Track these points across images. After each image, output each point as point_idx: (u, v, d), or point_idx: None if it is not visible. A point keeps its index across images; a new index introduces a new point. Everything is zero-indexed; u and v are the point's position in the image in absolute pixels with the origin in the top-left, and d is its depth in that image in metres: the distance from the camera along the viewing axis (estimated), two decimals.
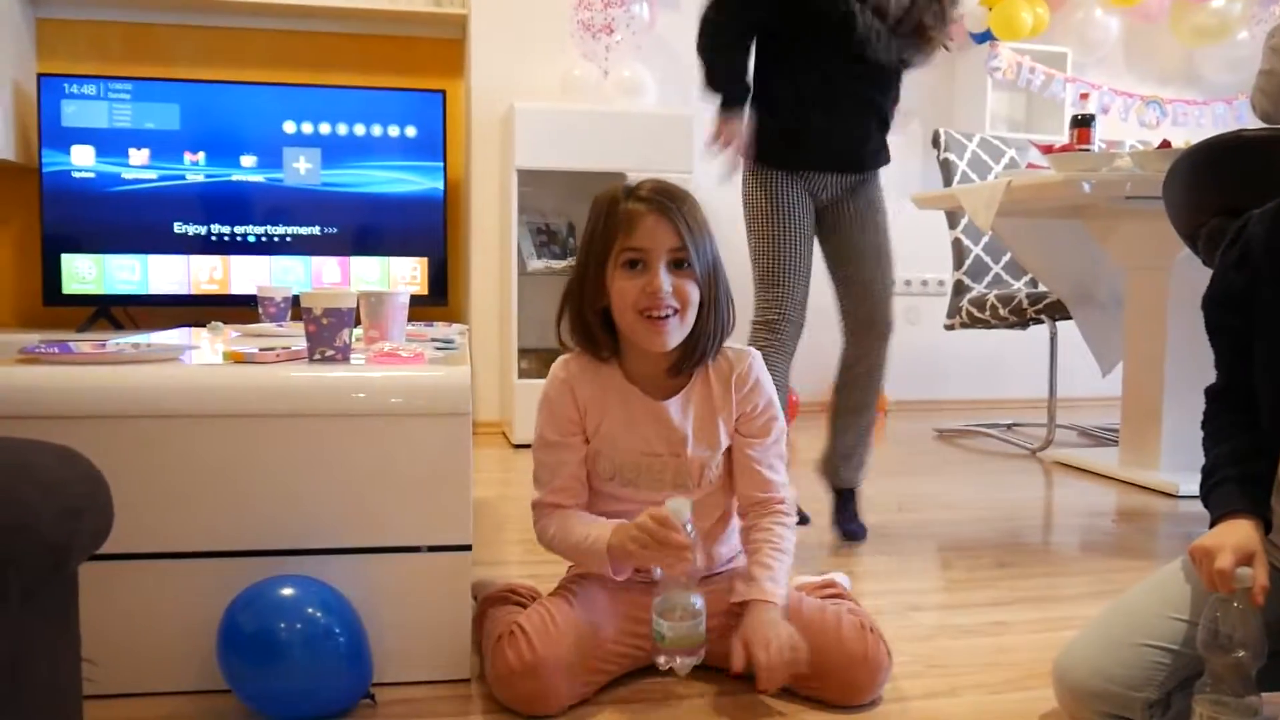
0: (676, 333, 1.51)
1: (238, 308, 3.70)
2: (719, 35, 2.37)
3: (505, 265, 3.97)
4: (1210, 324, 1.45)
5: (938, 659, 1.71)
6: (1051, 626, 1.88)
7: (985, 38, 4.71)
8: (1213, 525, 1.32)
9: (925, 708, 1.52)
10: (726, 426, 1.61)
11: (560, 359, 1.62)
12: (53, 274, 3.79)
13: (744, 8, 2.36)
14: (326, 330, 1.60)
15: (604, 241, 1.50)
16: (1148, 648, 1.34)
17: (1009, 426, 4.21)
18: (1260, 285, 1.35)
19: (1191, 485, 3.01)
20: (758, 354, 1.64)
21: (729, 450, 1.63)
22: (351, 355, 1.63)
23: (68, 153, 3.76)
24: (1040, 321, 3.74)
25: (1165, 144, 2.96)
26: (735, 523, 1.69)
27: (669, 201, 1.49)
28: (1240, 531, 1.27)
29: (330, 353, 1.60)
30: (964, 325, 3.88)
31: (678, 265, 1.49)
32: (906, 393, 4.71)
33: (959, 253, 4.03)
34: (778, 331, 2.36)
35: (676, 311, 1.49)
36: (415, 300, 3.95)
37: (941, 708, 1.52)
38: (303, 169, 3.95)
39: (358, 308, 1.91)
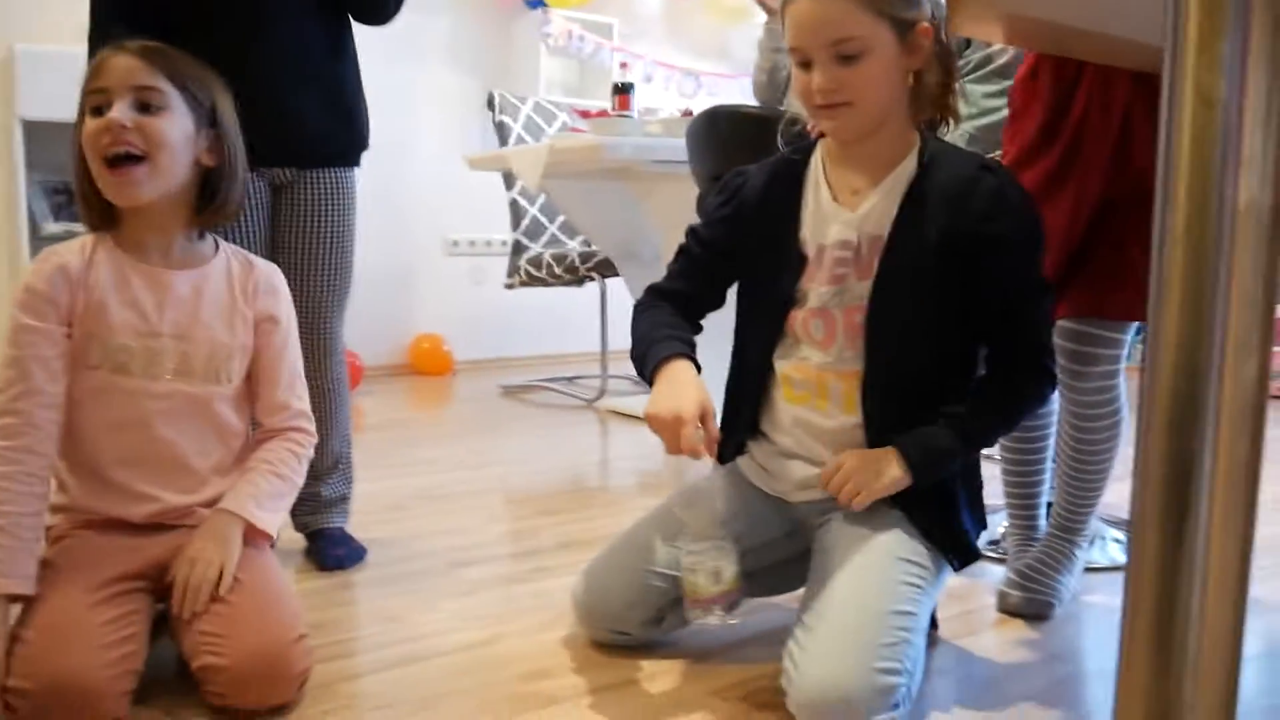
0: (147, 184, 1.33)
1: None
2: None
3: (11, 228, 3.49)
4: (691, 242, 1.54)
5: (477, 611, 1.75)
6: None
7: (538, 4, 4.82)
8: (654, 374, 1.39)
9: (466, 660, 1.54)
10: (245, 326, 1.48)
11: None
12: None
13: None
14: None
15: (83, 92, 1.35)
16: (646, 572, 1.49)
17: (571, 380, 4.41)
18: (747, 233, 1.48)
19: None
20: (279, 271, 1.56)
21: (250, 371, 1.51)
22: None
23: None
24: (593, 279, 3.94)
25: (687, 113, 3.21)
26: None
27: (153, 48, 1.35)
28: (688, 388, 1.34)
29: None
30: (524, 284, 4.00)
31: (145, 107, 1.33)
32: (474, 352, 4.78)
33: (516, 213, 4.13)
34: None
35: (145, 157, 1.31)
36: None
37: (482, 656, 1.55)
38: None
39: None
